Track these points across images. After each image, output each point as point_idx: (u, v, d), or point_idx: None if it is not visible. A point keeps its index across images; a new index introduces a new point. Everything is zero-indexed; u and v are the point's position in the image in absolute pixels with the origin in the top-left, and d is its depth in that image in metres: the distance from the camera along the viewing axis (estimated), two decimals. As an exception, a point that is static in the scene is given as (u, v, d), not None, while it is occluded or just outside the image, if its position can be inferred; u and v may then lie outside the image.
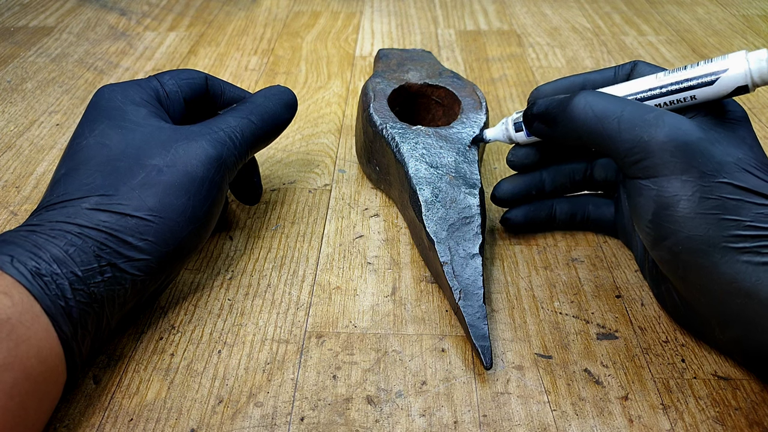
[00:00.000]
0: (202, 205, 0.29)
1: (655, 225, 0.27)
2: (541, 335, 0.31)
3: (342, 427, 0.26)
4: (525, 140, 0.34)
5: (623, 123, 0.27)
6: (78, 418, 0.27)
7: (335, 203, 0.40)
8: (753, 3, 0.73)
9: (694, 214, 0.26)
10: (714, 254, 0.25)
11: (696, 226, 0.26)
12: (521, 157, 0.34)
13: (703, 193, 0.26)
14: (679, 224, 0.26)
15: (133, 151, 0.28)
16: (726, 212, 0.25)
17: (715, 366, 0.29)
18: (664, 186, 0.27)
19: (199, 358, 0.29)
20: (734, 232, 0.25)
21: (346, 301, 0.33)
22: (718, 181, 0.26)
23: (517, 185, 0.35)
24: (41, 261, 0.24)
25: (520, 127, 0.33)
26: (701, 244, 0.26)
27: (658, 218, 0.27)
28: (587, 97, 0.29)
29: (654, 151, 0.27)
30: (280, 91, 0.35)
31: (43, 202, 0.28)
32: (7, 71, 0.57)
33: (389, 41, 0.64)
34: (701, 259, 0.26)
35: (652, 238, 0.28)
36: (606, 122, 0.28)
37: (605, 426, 0.26)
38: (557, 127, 0.30)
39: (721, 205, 0.25)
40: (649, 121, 0.27)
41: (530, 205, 0.36)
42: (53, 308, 0.24)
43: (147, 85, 0.32)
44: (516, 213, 0.36)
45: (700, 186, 0.26)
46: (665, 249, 0.27)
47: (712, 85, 0.28)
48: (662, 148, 0.26)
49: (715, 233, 0.25)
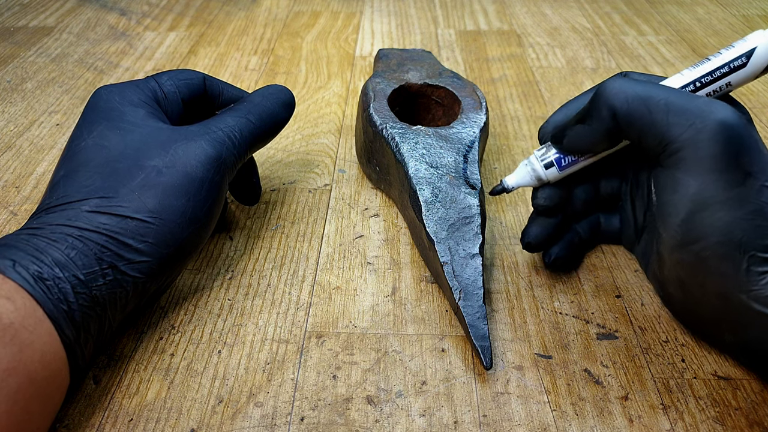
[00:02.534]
0: (202, 206, 0.29)
1: (686, 226, 0.26)
2: (541, 335, 0.31)
3: (342, 427, 0.26)
4: (556, 176, 0.31)
5: (672, 106, 0.25)
6: (78, 418, 0.27)
7: (335, 203, 0.40)
8: (753, 3, 0.73)
9: (733, 218, 0.24)
10: (743, 263, 0.24)
11: (732, 232, 0.24)
12: (555, 198, 0.31)
13: (745, 197, 0.24)
14: (714, 228, 0.25)
15: (131, 153, 0.28)
16: (765, 220, 0.24)
17: (715, 366, 0.29)
18: (706, 183, 0.25)
19: (199, 358, 0.29)
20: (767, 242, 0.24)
21: (346, 301, 0.33)
22: (761, 184, 0.24)
23: (546, 225, 0.32)
24: (43, 265, 0.24)
25: (550, 164, 0.31)
26: (732, 250, 0.24)
27: (693, 219, 0.25)
28: (622, 81, 0.27)
29: (704, 140, 0.25)
30: (277, 90, 0.35)
31: (43, 204, 0.28)
32: (7, 71, 0.57)
33: (389, 41, 0.64)
34: (727, 267, 0.25)
35: (679, 238, 0.26)
36: (652, 104, 0.26)
37: (605, 426, 0.26)
38: (593, 119, 0.28)
39: (761, 211, 0.24)
40: (701, 107, 0.25)
41: (563, 239, 0.33)
42: (56, 312, 0.24)
43: (145, 85, 0.32)
44: (558, 250, 0.33)
45: (744, 188, 0.24)
46: (691, 252, 0.26)
47: (745, 67, 0.27)
48: (714, 138, 0.24)
49: (748, 240, 0.24)
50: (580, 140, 0.29)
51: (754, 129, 0.27)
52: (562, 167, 0.31)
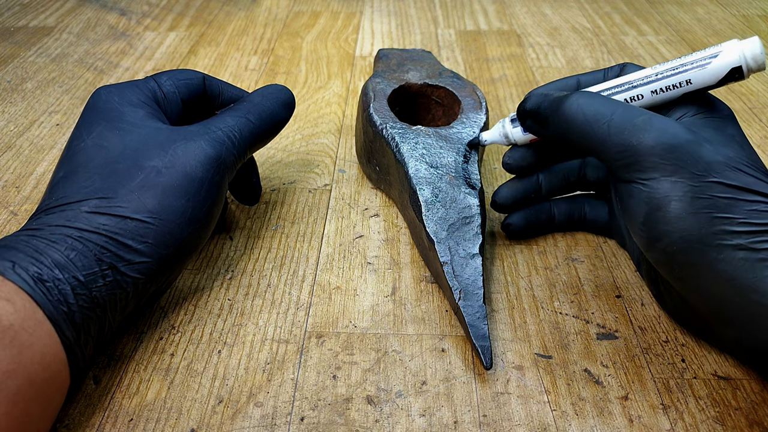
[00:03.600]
0: (202, 206, 0.29)
1: (647, 227, 0.27)
2: (541, 335, 0.31)
3: (342, 427, 0.26)
4: (523, 138, 0.34)
5: (612, 127, 0.27)
6: (78, 418, 0.27)
7: (335, 203, 0.40)
8: (753, 3, 0.73)
9: (686, 213, 0.26)
10: (709, 253, 0.25)
11: (688, 226, 0.26)
12: (518, 159, 0.34)
13: (694, 193, 0.26)
14: (671, 225, 0.26)
15: (131, 153, 0.28)
16: (718, 210, 0.25)
17: (715, 366, 0.29)
18: (654, 187, 0.27)
19: (199, 358, 0.29)
20: (728, 229, 0.25)
21: (346, 301, 0.33)
22: (708, 180, 0.26)
23: (515, 189, 0.35)
24: (43, 266, 0.24)
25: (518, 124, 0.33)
26: (695, 243, 0.26)
27: (650, 220, 0.27)
28: (579, 99, 0.29)
29: (643, 155, 0.27)
30: (277, 89, 0.35)
31: (42, 205, 0.28)
32: (7, 71, 0.57)
33: (389, 41, 0.64)
34: (697, 259, 0.26)
35: (645, 239, 0.28)
36: (596, 126, 0.28)
37: (605, 426, 0.26)
38: (548, 127, 0.30)
39: (713, 204, 0.25)
40: (638, 125, 0.27)
41: (529, 209, 0.36)
42: (56, 314, 0.24)
43: (144, 85, 0.32)
44: (516, 218, 0.35)
45: (691, 186, 0.26)
46: (659, 251, 0.27)
47: (706, 68, 0.28)
48: (651, 151, 0.26)
49: (708, 232, 0.25)
50: (536, 133, 0.32)
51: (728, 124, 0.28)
52: (525, 132, 0.33)
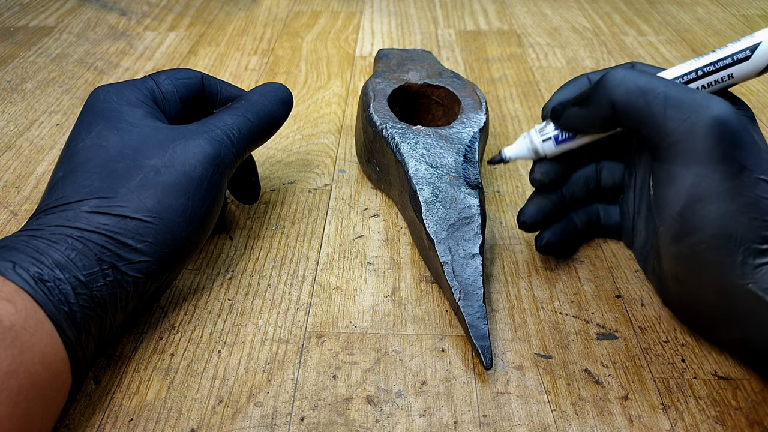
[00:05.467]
0: (202, 205, 0.29)
1: (682, 218, 0.26)
2: (541, 335, 0.31)
3: (342, 427, 0.26)
4: (553, 151, 0.32)
5: (670, 99, 0.26)
6: (78, 418, 0.27)
7: (335, 203, 0.40)
8: (753, 3, 0.73)
9: (727, 210, 0.25)
10: (738, 255, 0.25)
11: (726, 224, 0.25)
12: (549, 173, 0.32)
13: (740, 190, 0.25)
14: (709, 220, 0.25)
15: (130, 153, 0.28)
16: (759, 212, 0.24)
17: (715, 366, 0.29)
18: (701, 176, 0.25)
19: (199, 358, 0.29)
20: (763, 233, 0.24)
21: (346, 301, 0.33)
22: (756, 177, 0.25)
23: (542, 206, 0.33)
24: (43, 267, 0.24)
25: (548, 140, 0.32)
26: (728, 242, 0.25)
27: (688, 211, 0.26)
28: (625, 70, 0.27)
29: (700, 134, 0.25)
30: (275, 88, 0.35)
31: (42, 205, 0.28)
32: (7, 71, 0.57)
33: (389, 41, 0.64)
34: (723, 259, 0.25)
35: (675, 231, 0.26)
36: (650, 96, 0.26)
37: (605, 426, 0.26)
38: (592, 104, 0.28)
39: (755, 204, 0.24)
40: (698, 101, 0.25)
41: (559, 223, 0.34)
42: (57, 314, 0.24)
43: (142, 85, 0.32)
44: (551, 234, 0.33)
45: (739, 181, 0.25)
46: (687, 245, 0.26)
47: (748, 60, 0.27)
48: (709, 132, 0.25)
49: (744, 233, 0.24)
50: (577, 121, 0.30)
51: (755, 126, 0.27)
52: (558, 143, 0.31)
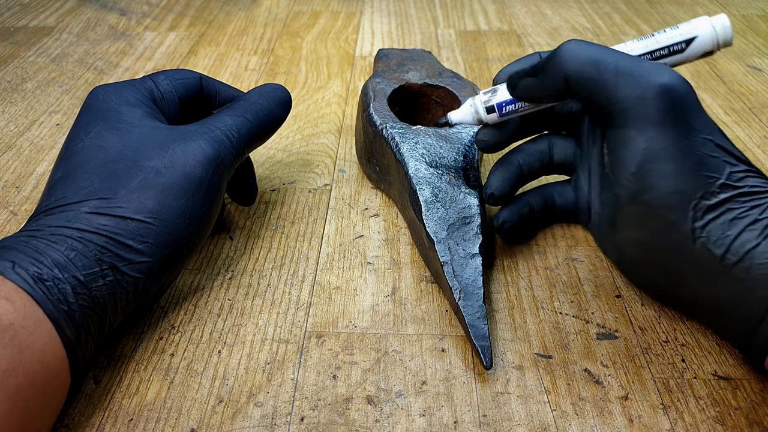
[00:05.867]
0: (201, 206, 0.29)
1: (637, 177, 0.27)
2: (541, 335, 0.31)
3: (342, 427, 0.26)
4: (496, 120, 0.33)
5: (621, 68, 0.27)
6: (78, 418, 0.27)
7: (335, 203, 0.40)
8: (753, 3, 0.73)
9: (679, 169, 0.26)
10: (689, 210, 0.26)
11: (678, 181, 0.26)
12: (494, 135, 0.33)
13: (690, 149, 0.26)
14: (662, 178, 0.27)
15: (130, 153, 0.28)
16: (707, 169, 0.26)
17: (715, 366, 0.29)
18: (654, 138, 0.27)
19: (199, 358, 0.29)
20: (711, 189, 0.26)
21: (346, 301, 0.33)
22: (703, 137, 0.26)
23: (504, 176, 0.34)
24: (43, 266, 0.24)
25: (492, 110, 0.33)
26: (680, 198, 0.26)
27: (642, 170, 0.27)
28: (577, 42, 0.29)
29: (650, 100, 0.27)
30: (274, 88, 0.35)
31: (41, 206, 0.28)
32: (7, 71, 0.57)
33: (389, 41, 0.64)
34: (676, 215, 0.26)
35: (631, 191, 0.28)
36: (602, 66, 0.28)
37: (605, 426, 0.26)
38: (546, 75, 0.29)
39: (703, 161, 0.26)
40: (647, 68, 0.27)
41: (514, 204, 0.35)
42: (56, 313, 0.24)
43: (141, 85, 0.32)
44: (507, 214, 0.34)
45: (689, 141, 0.26)
46: (642, 203, 0.28)
47: (682, 53, 0.29)
48: (659, 97, 0.27)
49: (695, 189, 0.26)
50: (532, 91, 0.31)
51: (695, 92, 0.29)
52: (502, 114, 0.33)
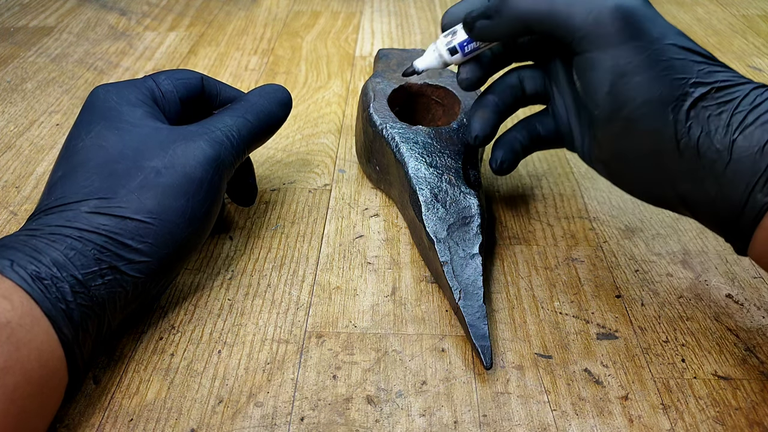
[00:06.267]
0: (201, 206, 0.29)
1: (612, 95, 0.28)
2: (541, 335, 0.31)
3: (342, 427, 0.26)
4: (460, 60, 0.34)
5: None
6: (78, 418, 0.27)
7: (335, 203, 0.40)
8: (753, 3, 0.73)
9: (649, 77, 0.27)
10: (669, 114, 0.27)
11: (652, 89, 0.27)
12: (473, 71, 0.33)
13: (655, 57, 0.27)
14: (636, 90, 0.27)
15: (130, 153, 0.28)
16: (675, 72, 0.27)
17: (715, 366, 0.29)
18: (618, 55, 0.28)
19: (199, 358, 0.29)
20: (684, 90, 0.27)
21: (346, 301, 0.33)
22: (665, 43, 0.27)
23: (484, 118, 0.34)
24: (41, 265, 0.24)
25: (455, 51, 0.33)
26: (658, 105, 0.27)
27: (615, 88, 0.28)
28: None
29: (606, 21, 0.28)
30: (274, 89, 0.35)
31: (41, 205, 0.28)
32: (7, 71, 0.57)
33: (389, 41, 0.64)
34: (657, 123, 0.27)
35: (608, 110, 0.29)
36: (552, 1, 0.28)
37: (605, 426, 0.26)
38: (501, 16, 0.30)
39: (671, 65, 0.27)
40: None
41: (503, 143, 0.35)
42: (54, 311, 0.24)
43: (142, 85, 0.32)
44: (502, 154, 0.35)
45: (652, 50, 0.27)
46: (621, 119, 0.28)
47: None
48: (614, 16, 0.27)
49: (668, 93, 0.27)
50: (488, 33, 0.32)
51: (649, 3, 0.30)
52: (465, 53, 0.33)
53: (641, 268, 0.35)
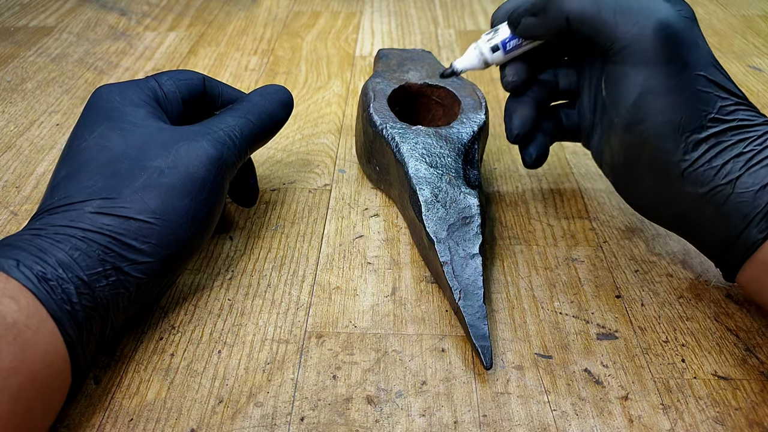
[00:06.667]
0: (204, 207, 0.29)
1: (636, 108, 0.29)
2: (541, 335, 0.31)
3: (342, 427, 0.26)
4: (502, 59, 0.34)
5: (619, 8, 0.28)
6: (78, 418, 0.27)
7: (335, 203, 0.40)
8: (753, 3, 0.73)
9: (674, 102, 0.28)
10: (681, 141, 0.28)
11: (673, 114, 0.28)
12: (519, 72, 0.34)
13: (683, 85, 0.28)
14: (658, 110, 0.28)
15: (133, 153, 0.28)
16: (700, 103, 0.28)
17: (715, 366, 0.29)
18: (651, 74, 0.28)
19: (199, 358, 0.29)
20: (702, 123, 0.28)
21: (346, 301, 0.33)
22: (696, 73, 0.28)
23: (524, 115, 0.34)
24: (47, 265, 0.24)
25: (496, 48, 0.33)
26: (673, 130, 0.28)
27: (640, 102, 0.29)
28: None
29: (647, 39, 0.28)
30: (275, 89, 0.35)
31: (45, 205, 0.28)
32: (7, 71, 0.57)
33: (389, 41, 0.64)
34: (668, 144, 0.28)
35: (628, 121, 0.29)
36: (601, 6, 0.29)
37: (605, 426, 0.26)
38: (548, 15, 0.30)
39: (696, 96, 0.28)
40: (644, 6, 0.28)
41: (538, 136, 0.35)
42: (59, 312, 0.24)
43: (145, 85, 0.32)
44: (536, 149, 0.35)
45: (682, 77, 0.28)
46: (638, 133, 0.29)
47: None
48: (655, 36, 0.28)
49: (687, 121, 0.28)
50: (534, 30, 0.32)
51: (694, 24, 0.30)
52: (507, 51, 0.33)
53: (641, 268, 0.35)
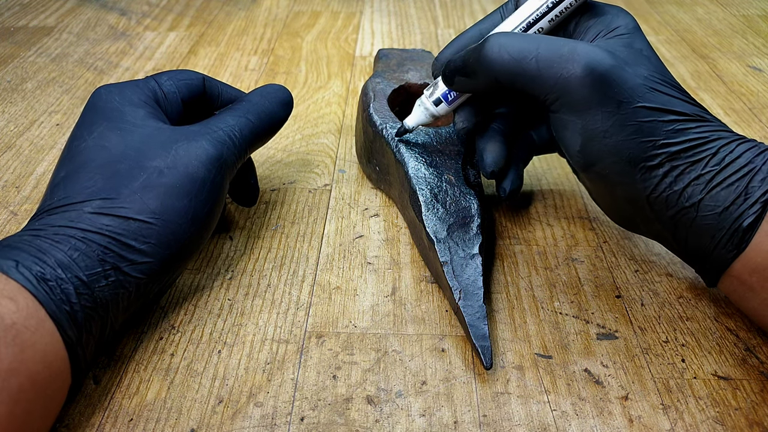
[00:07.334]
0: (204, 207, 0.29)
1: (583, 154, 0.29)
2: (541, 335, 0.31)
3: (342, 427, 0.26)
4: (447, 110, 0.34)
5: (541, 62, 0.28)
6: (78, 418, 0.27)
7: (335, 203, 0.40)
8: (753, 3, 0.73)
9: (617, 141, 0.28)
10: (636, 173, 0.28)
11: (620, 152, 0.28)
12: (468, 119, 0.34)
13: (623, 122, 0.28)
14: (605, 153, 0.28)
15: (133, 153, 0.28)
16: (643, 135, 0.27)
17: (715, 366, 0.29)
18: (588, 120, 0.28)
19: (199, 358, 0.29)
20: (651, 152, 0.28)
21: (346, 301, 0.33)
22: (634, 107, 0.27)
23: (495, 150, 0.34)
24: (46, 266, 0.24)
25: (439, 101, 0.34)
26: (626, 166, 0.28)
27: (586, 149, 0.29)
28: (499, 40, 0.29)
29: (574, 87, 0.28)
30: (275, 89, 0.35)
31: (44, 205, 0.28)
32: (7, 71, 0.57)
33: (389, 41, 0.64)
34: (627, 178, 0.28)
35: (581, 164, 0.30)
36: (524, 63, 0.28)
37: (605, 426, 0.26)
38: (478, 77, 0.30)
39: (639, 128, 0.27)
40: (564, 56, 0.28)
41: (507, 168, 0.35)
42: (58, 313, 0.24)
43: (144, 85, 0.32)
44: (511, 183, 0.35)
45: (620, 115, 0.28)
46: (594, 173, 0.29)
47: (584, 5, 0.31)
48: (581, 83, 0.27)
49: (636, 155, 0.28)
50: (468, 88, 0.32)
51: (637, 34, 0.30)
52: (450, 102, 0.34)
53: (641, 268, 0.35)
